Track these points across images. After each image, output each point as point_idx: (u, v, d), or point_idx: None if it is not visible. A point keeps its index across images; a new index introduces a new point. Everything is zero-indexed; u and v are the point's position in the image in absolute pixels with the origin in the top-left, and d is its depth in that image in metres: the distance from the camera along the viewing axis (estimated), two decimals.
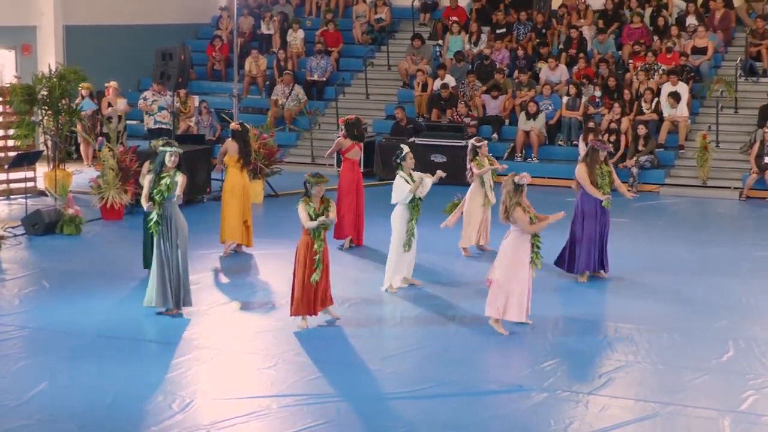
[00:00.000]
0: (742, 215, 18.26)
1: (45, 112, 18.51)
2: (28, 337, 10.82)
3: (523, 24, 24.54)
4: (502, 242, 11.14)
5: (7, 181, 18.62)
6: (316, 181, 10.94)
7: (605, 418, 8.81)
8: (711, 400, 9.27)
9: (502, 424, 8.72)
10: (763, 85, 22.14)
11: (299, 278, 10.96)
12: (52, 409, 8.77)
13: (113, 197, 16.42)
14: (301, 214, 10.86)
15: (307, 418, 8.70)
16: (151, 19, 25.68)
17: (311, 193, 10.94)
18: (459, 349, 10.59)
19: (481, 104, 22.54)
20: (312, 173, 11.11)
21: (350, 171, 15.03)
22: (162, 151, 11.37)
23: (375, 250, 14.75)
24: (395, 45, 25.89)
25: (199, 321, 11.40)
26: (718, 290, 12.94)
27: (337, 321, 11.36)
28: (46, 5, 23.29)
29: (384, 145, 21.35)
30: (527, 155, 21.44)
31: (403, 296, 12.50)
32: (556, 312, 11.78)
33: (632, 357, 10.36)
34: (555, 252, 13.23)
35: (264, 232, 15.57)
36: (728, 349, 10.61)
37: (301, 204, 10.90)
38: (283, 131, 22.53)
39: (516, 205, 10.78)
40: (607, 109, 21.27)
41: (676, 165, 20.75)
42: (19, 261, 14.06)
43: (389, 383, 9.60)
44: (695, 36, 22.73)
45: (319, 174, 11.03)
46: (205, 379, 9.66)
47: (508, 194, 10.84)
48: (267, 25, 26.12)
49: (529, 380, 9.67)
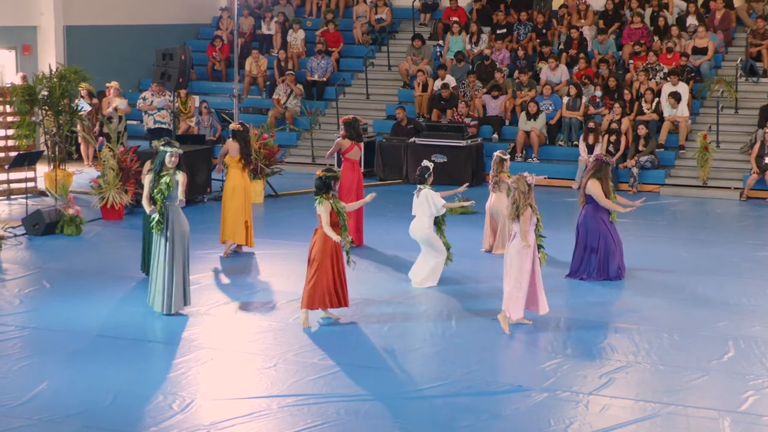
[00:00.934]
0: (742, 215, 18.26)
1: (45, 113, 18.52)
2: (28, 337, 10.82)
3: (524, 24, 24.55)
4: (507, 246, 11.22)
5: (8, 181, 18.63)
6: (335, 175, 10.98)
7: (605, 419, 8.81)
8: (711, 401, 9.26)
9: (502, 424, 8.71)
10: (763, 85, 22.14)
11: (326, 270, 10.96)
12: (53, 410, 8.77)
13: (113, 197, 16.43)
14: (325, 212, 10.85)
15: (308, 419, 8.70)
16: (151, 19, 25.70)
17: (335, 190, 10.97)
18: (459, 350, 10.59)
19: (482, 104, 22.54)
20: (326, 169, 11.13)
21: (350, 171, 15.03)
22: (162, 151, 11.37)
23: (375, 250, 14.76)
24: (396, 45, 25.90)
25: (199, 321, 11.40)
26: (719, 290, 12.94)
27: (337, 321, 11.38)
28: (46, 5, 23.30)
29: (384, 146, 21.35)
30: (528, 155, 21.44)
31: (403, 297, 12.51)
32: (557, 312, 11.78)
33: (632, 357, 10.36)
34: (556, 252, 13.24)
35: (264, 232, 15.58)
36: (728, 350, 10.61)
37: (326, 203, 10.88)
38: (283, 131, 22.54)
39: (527, 207, 10.89)
40: (607, 110, 21.28)
41: (676, 165, 20.75)
42: (19, 261, 14.06)
43: (389, 383, 9.60)
44: (696, 36, 22.73)
45: (332, 169, 11.13)
46: (206, 380, 9.66)
47: (522, 195, 10.96)
48: (267, 26, 26.13)
49: (530, 380, 9.66)
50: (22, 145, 18.61)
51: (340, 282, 11.15)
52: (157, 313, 11.48)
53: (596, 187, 13.00)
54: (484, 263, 14.21)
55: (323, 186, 10.97)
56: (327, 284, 11.03)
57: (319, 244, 10.99)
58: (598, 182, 12.99)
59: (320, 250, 10.98)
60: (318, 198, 10.97)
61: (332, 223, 10.90)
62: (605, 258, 13.20)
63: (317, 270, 10.99)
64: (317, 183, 11.00)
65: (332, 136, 19.81)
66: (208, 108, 22.43)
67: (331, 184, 10.98)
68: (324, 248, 10.97)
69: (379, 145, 21.41)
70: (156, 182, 11.27)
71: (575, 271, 13.33)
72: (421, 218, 12.80)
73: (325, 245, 10.96)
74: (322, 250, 10.97)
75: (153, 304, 11.53)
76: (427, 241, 12.84)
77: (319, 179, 10.99)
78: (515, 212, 10.98)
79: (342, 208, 11.05)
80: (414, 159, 20.02)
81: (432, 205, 12.71)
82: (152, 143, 15.79)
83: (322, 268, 10.98)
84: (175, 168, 11.32)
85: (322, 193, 10.97)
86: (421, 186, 12.84)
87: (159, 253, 11.40)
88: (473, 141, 20.96)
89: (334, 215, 10.93)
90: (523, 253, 11.01)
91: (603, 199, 13.01)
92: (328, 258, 10.98)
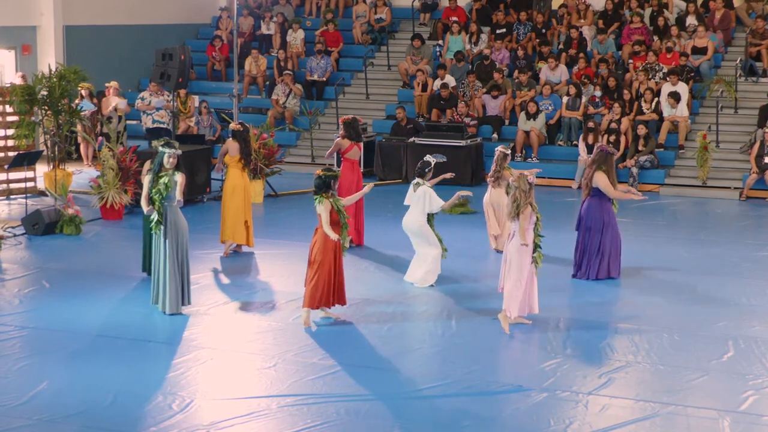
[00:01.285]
0: (742, 215, 18.26)
1: (45, 112, 18.51)
2: (28, 337, 10.82)
3: (523, 24, 24.55)
4: (506, 245, 11.23)
5: (7, 181, 18.63)
6: (335, 174, 10.99)
7: (605, 418, 8.81)
8: (711, 401, 9.26)
9: (502, 424, 8.71)
10: (763, 85, 22.14)
11: (327, 269, 10.97)
12: (52, 410, 8.77)
13: (113, 197, 16.42)
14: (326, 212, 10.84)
15: (307, 419, 8.70)
16: (151, 19, 25.70)
17: (334, 189, 10.97)
18: (459, 349, 10.59)
19: (481, 104, 22.54)
20: (326, 168, 11.14)
21: (350, 171, 15.03)
22: (161, 152, 11.38)
23: (375, 251, 14.75)
24: (395, 45, 25.89)
25: (199, 321, 11.40)
26: (718, 290, 12.94)
27: (337, 320, 11.38)
28: (46, 5, 23.29)
29: (384, 146, 21.35)
30: (527, 155, 21.44)
31: (403, 297, 12.51)
32: (556, 312, 11.78)
33: (632, 357, 10.36)
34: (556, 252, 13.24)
35: (264, 232, 15.58)
36: (728, 350, 10.61)
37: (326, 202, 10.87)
38: (283, 131, 22.53)
39: (527, 205, 10.91)
40: (607, 109, 21.28)
41: (676, 165, 20.75)
42: (19, 261, 14.05)
43: (389, 383, 9.60)
44: (695, 36, 22.73)
45: (332, 168, 11.15)
46: (205, 379, 9.66)
47: (522, 193, 10.96)
48: (267, 25, 26.13)
49: (529, 380, 9.66)
50: (21, 145, 18.61)
51: (338, 280, 11.16)
52: (159, 313, 11.48)
53: (603, 179, 12.91)
54: (484, 263, 14.21)
55: (323, 185, 10.97)
56: (328, 283, 11.04)
57: (319, 244, 10.99)
58: (605, 174, 12.92)
59: (321, 250, 10.98)
60: (318, 197, 10.97)
61: (332, 221, 10.91)
62: (610, 253, 13.16)
63: (318, 269, 10.99)
64: (317, 182, 10.99)
65: (332, 136, 19.80)
66: (208, 108, 22.42)
67: (331, 183, 10.98)
68: (325, 248, 10.96)
69: (379, 145, 21.40)
70: (155, 183, 11.27)
71: (579, 267, 13.28)
72: (414, 212, 12.82)
73: (326, 245, 10.95)
74: (323, 250, 10.97)
75: (156, 304, 11.55)
76: (420, 233, 12.83)
77: (319, 178, 10.99)
78: (515, 211, 10.99)
79: (342, 206, 11.07)
80: (414, 159, 20.00)
81: (428, 204, 12.71)
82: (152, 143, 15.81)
83: (323, 267, 10.98)
84: (173, 169, 11.32)
85: (321, 192, 10.97)
86: (420, 180, 12.84)
87: (160, 253, 11.41)
88: (473, 141, 20.97)
89: (335, 214, 10.93)
90: (523, 251, 11.02)
91: (612, 190, 12.94)
92: (328, 257, 10.98)
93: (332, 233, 10.82)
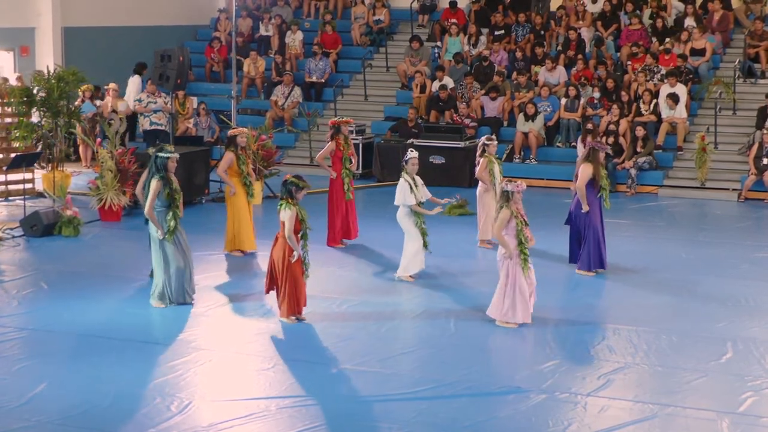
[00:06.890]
0: (740, 216, 18.27)
1: (43, 114, 18.50)
2: (26, 338, 10.81)
3: (522, 26, 24.55)
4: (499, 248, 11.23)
5: (6, 182, 18.61)
6: (303, 185, 10.93)
7: (604, 420, 8.81)
8: (710, 402, 9.26)
9: (500, 426, 8.71)
10: (761, 86, 22.15)
11: (296, 277, 11.00)
12: (51, 411, 8.76)
13: (112, 199, 16.41)
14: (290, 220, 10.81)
15: (306, 420, 8.70)
16: (149, 20, 25.70)
17: (296, 197, 10.91)
18: (457, 350, 10.59)
19: (480, 106, 22.54)
20: (295, 175, 11.08)
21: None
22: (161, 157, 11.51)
23: (373, 251, 14.76)
24: (394, 46, 25.90)
25: (198, 322, 11.40)
26: (717, 291, 12.94)
27: (335, 321, 11.39)
28: (44, 7, 23.30)
29: (382, 147, 21.35)
30: (526, 157, 21.45)
31: (401, 298, 12.51)
32: (555, 313, 11.78)
33: (631, 358, 10.36)
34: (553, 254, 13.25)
35: (263, 233, 15.55)
36: (727, 351, 10.61)
37: (291, 209, 10.84)
38: (281, 132, 22.53)
39: (507, 210, 10.91)
40: (605, 111, 21.29)
41: (674, 166, 20.76)
42: (17, 262, 14.05)
43: (388, 384, 9.60)
44: (694, 38, 22.72)
45: (302, 178, 11.04)
46: (204, 381, 9.65)
47: (503, 198, 11.06)
48: (265, 27, 26.13)
49: (528, 381, 9.66)
50: (20, 147, 18.59)
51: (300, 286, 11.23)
52: (158, 314, 11.50)
53: (584, 169, 13.08)
54: (482, 263, 14.20)
55: (286, 192, 10.94)
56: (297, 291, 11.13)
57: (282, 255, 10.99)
58: (590, 165, 13.06)
59: (286, 264, 10.98)
60: (283, 203, 10.94)
61: (296, 231, 10.89)
62: (596, 246, 13.21)
63: (287, 280, 11.04)
64: (282, 188, 11.00)
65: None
66: (206, 109, 22.41)
67: (292, 191, 10.91)
68: (283, 257, 11.00)
69: (378, 147, 21.41)
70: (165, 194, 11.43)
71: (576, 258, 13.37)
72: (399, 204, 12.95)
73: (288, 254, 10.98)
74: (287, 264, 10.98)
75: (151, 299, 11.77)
76: (401, 225, 12.93)
77: (284, 184, 10.98)
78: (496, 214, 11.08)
79: (307, 216, 11.01)
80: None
81: (398, 196, 12.79)
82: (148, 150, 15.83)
83: (290, 276, 11.02)
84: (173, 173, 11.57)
85: (287, 198, 10.94)
86: (403, 174, 12.90)
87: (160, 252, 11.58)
88: (471, 142, 20.96)
89: (299, 224, 10.92)
90: (505, 258, 11.01)
91: (582, 186, 13.04)
92: (293, 268, 10.99)
93: (294, 244, 10.82)
